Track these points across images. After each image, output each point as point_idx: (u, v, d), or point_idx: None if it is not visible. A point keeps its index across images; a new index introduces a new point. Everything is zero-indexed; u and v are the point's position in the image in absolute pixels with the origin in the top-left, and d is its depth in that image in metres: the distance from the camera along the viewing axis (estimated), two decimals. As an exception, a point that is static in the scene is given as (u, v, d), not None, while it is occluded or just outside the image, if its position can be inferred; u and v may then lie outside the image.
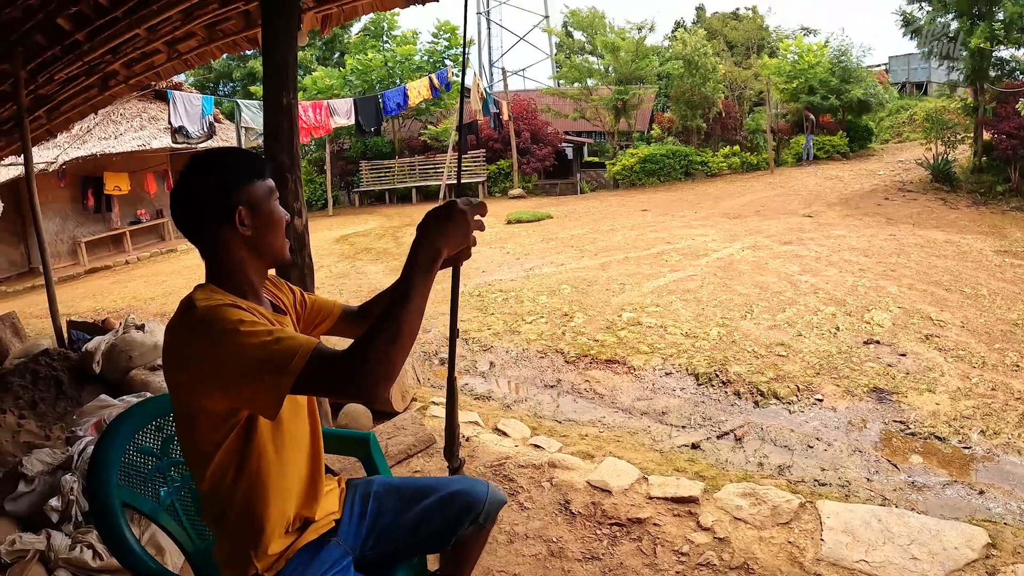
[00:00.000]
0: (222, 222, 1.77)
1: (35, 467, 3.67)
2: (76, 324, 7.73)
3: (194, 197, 1.79)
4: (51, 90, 7.54)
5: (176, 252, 19.86)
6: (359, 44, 29.42)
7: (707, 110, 24.91)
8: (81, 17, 5.70)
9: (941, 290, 8.46)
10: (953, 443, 4.93)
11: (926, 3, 19.45)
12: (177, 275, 15.35)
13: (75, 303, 13.03)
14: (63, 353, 6.16)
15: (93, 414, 4.56)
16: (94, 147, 18.21)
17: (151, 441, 2.21)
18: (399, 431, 4.73)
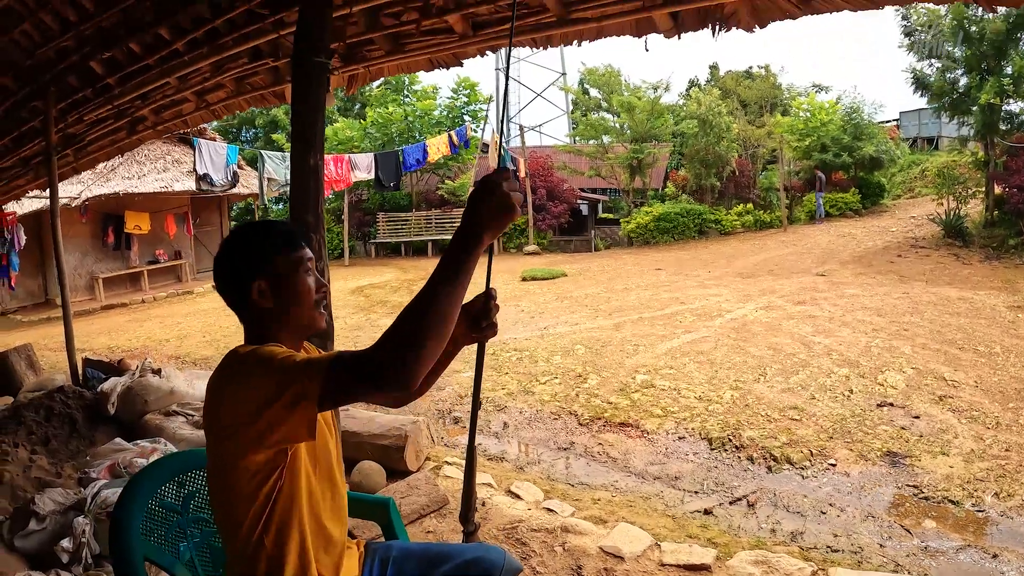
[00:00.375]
0: (244, 295, 1.85)
1: (47, 506, 3.72)
2: (92, 362, 7.82)
3: (221, 270, 1.89)
4: (80, 130, 7.79)
5: (192, 294, 20.10)
6: (380, 97, 29.89)
7: (721, 168, 25.11)
8: (114, 62, 5.94)
9: (954, 349, 8.48)
10: (967, 506, 4.94)
11: (936, 60, 19.62)
12: (193, 317, 15.52)
13: (90, 339, 13.20)
14: (78, 391, 6.25)
15: (107, 457, 4.63)
16: (117, 186, 18.67)
17: (173, 496, 2.26)
18: (412, 490, 4.78)
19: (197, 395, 6.46)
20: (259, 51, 5.73)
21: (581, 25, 4.57)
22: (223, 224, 24.64)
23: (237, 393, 1.65)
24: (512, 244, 25.68)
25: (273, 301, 1.85)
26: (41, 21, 5.20)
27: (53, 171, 7.31)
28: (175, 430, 5.54)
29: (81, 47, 5.66)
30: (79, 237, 19.30)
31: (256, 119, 37.39)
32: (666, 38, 4.44)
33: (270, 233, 1.91)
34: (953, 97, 19.26)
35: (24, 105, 6.91)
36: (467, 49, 5.28)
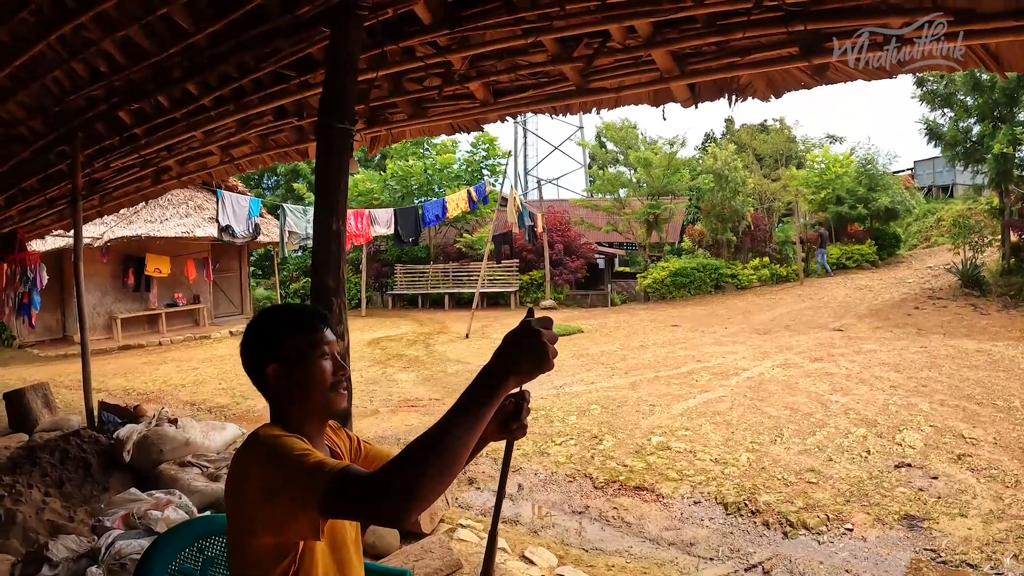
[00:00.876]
0: (261, 378, 1.91)
1: (61, 553, 3.75)
2: (108, 407, 7.85)
3: (243, 352, 1.95)
4: (105, 176, 7.97)
5: (209, 339, 20.18)
6: (400, 150, 30.25)
7: (737, 223, 25.21)
8: (142, 113, 6.10)
9: (973, 404, 8.44)
10: (985, 569, 4.88)
11: (948, 109, 19.74)
12: (209, 363, 15.57)
13: (106, 379, 13.28)
14: (94, 436, 6.29)
15: (122, 506, 4.65)
16: (139, 228, 18.99)
17: (192, 562, 2.28)
18: (426, 554, 4.77)
19: (213, 447, 6.50)
20: (284, 110, 5.88)
21: (600, 95, 4.67)
22: (242, 270, 24.86)
23: (257, 474, 1.69)
24: (529, 298, 25.75)
25: (287, 384, 1.89)
26: (72, 69, 5.33)
27: (78, 215, 7.44)
28: (190, 481, 5.57)
29: (110, 97, 5.80)
30: (99, 276, 19.54)
31: (278, 168, 37.89)
32: (683, 108, 4.54)
33: (284, 317, 1.96)
34: (966, 146, 19.40)
35: (52, 148, 7.06)
36: (488, 115, 5.40)
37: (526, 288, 26.18)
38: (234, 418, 9.40)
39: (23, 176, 7.99)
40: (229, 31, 4.61)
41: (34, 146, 7.02)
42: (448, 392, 11.29)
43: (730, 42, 3.94)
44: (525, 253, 26.24)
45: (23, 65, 5.17)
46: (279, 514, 1.64)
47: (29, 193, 8.60)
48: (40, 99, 5.98)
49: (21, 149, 7.17)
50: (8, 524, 4.47)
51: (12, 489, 4.90)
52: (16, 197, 8.80)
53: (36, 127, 6.68)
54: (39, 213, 9.59)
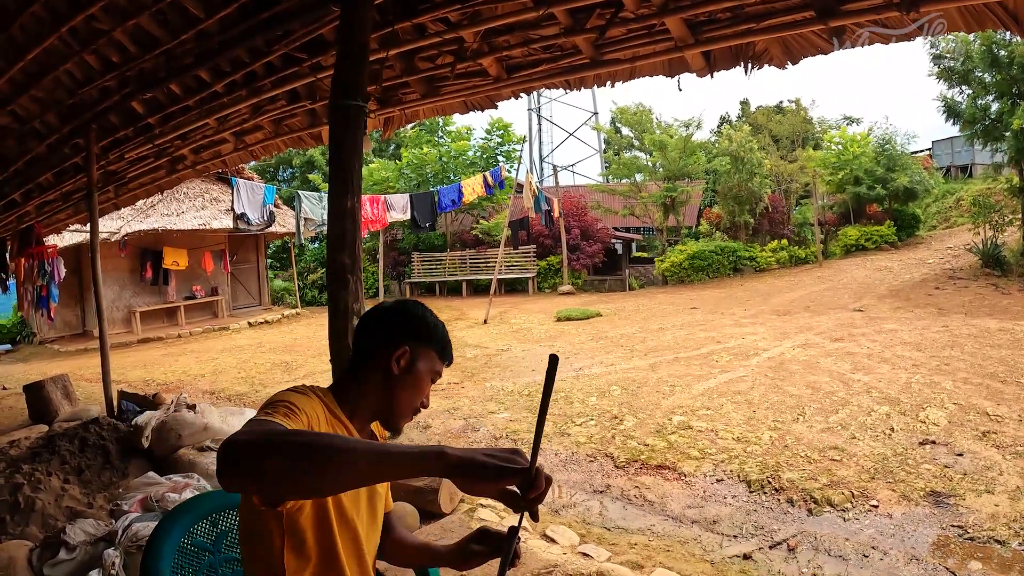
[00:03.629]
0: (387, 347, 1.89)
1: (78, 536, 3.74)
2: (127, 395, 7.91)
3: (390, 316, 1.97)
4: (120, 167, 7.99)
5: (228, 330, 20.34)
6: (415, 138, 30.26)
7: (754, 205, 25.09)
8: (155, 103, 6.09)
9: (996, 382, 8.34)
10: (1013, 546, 4.80)
11: (966, 86, 19.49)
12: (228, 354, 15.66)
13: (126, 371, 13.41)
14: (113, 423, 6.31)
15: (139, 490, 4.65)
16: (156, 222, 19.25)
17: (205, 535, 2.24)
18: (446, 533, 4.77)
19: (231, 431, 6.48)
20: (296, 94, 5.85)
21: (614, 66, 4.60)
22: (260, 261, 24.98)
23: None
24: (547, 284, 25.74)
25: (397, 373, 1.89)
26: (84, 61, 5.32)
27: (94, 207, 7.47)
28: (208, 466, 5.58)
29: (122, 87, 5.80)
30: (118, 271, 19.76)
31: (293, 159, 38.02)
32: (699, 77, 4.46)
33: (438, 329, 1.98)
34: (985, 124, 19.14)
35: (67, 142, 7.09)
36: (501, 92, 5.34)
37: (543, 273, 26.16)
38: (253, 405, 9.42)
39: (39, 170, 8.04)
40: (239, 15, 4.59)
41: (49, 140, 7.05)
42: (467, 375, 11.31)
43: (744, 7, 3.87)
44: (542, 239, 26.20)
45: (36, 59, 5.18)
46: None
47: (45, 188, 8.65)
48: (53, 93, 5.99)
49: (36, 144, 7.21)
50: (28, 511, 4.48)
51: (31, 477, 4.90)
52: (32, 192, 8.85)
53: (50, 121, 6.70)
54: (55, 207, 9.64)
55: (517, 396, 9.64)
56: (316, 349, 15.10)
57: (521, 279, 26.12)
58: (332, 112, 4.11)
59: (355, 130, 4.08)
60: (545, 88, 5.30)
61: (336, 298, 4.02)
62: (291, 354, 14.97)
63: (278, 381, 11.85)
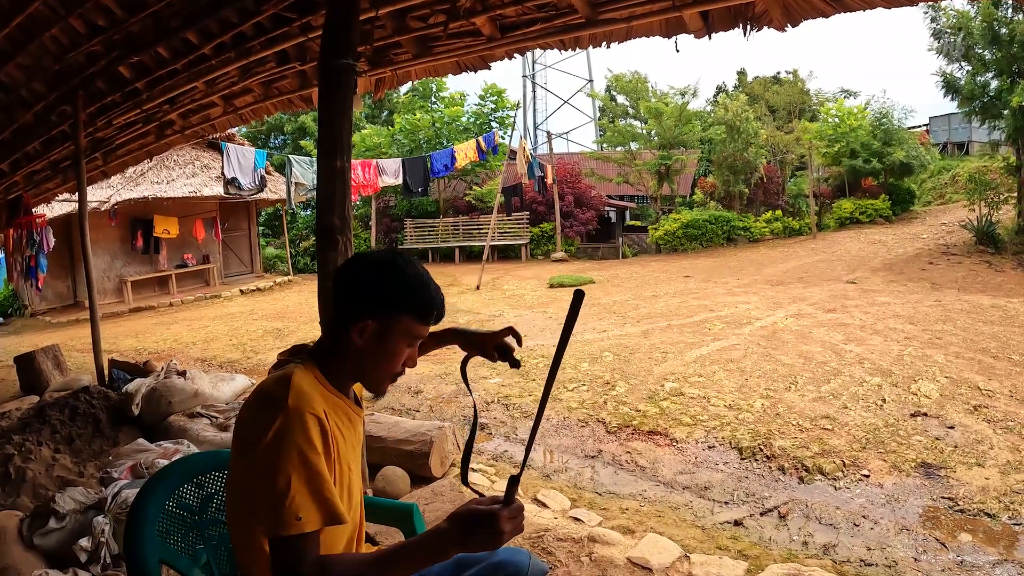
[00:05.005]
0: (348, 319, 1.79)
1: (67, 505, 3.70)
2: (118, 363, 7.88)
3: (350, 281, 1.83)
4: (108, 134, 7.87)
5: (220, 298, 20.29)
6: (408, 104, 30.08)
7: (749, 175, 25.03)
8: (142, 67, 5.96)
9: (988, 358, 8.33)
10: (1003, 520, 4.80)
11: (966, 63, 19.38)
12: (220, 321, 15.63)
13: (117, 340, 13.37)
14: (103, 392, 6.28)
15: (129, 457, 4.63)
16: (146, 190, 19.02)
17: (191, 498, 2.22)
18: (437, 497, 4.75)
19: (222, 397, 6.47)
20: (286, 55, 5.73)
21: (610, 26, 4.51)
22: (251, 229, 24.85)
23: (258, 451, 1.61)
24: (539, 251, 25.71)
25: (363, 344, 1.79)
26: (70, 26, 5.22)
27: (82, 174, 7.37)
28: (199, 432, 5.54)
29: (110, 52, 5.68)
30: (108, 241, 19.62)
31: (285, 126, 37.70)
32: (696, 38, 4.36)
33: (414, 294, 1.83)
34: (984, 101, 19.03)
35: (53, 109, 6.97)
36: (495, 52, 5.24)
37: (536, 240, 26.13)
38: (245, 372, 9.40)
39: (26, 139, 7.90)
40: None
41: (35, 108, 6.93)
42: (459, 342, 11.28)
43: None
44: (535, 205, 26.11)
45: (21, 26, 5.07)
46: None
47: (33, 157, 8.52)
48: (39, 60, 5.87)
49: (23, 112, 7.09)
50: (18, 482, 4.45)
51: (22, 447, 4.87)
52: (20, 162, 8.72)
53: (37, 89, 6.58)
54: (44, 176, 9.52)
55: (508, 362, 9.59)
56: (308, 316, 15.06)
57: (514, 246, 26.07)
58: (322, 71, 4.04)
59: (345, 89, 4.01)
60: (539, 48, 5.20)
61: (325, 260, 3.97)
62: (283, 321, 14.93)
63: (270, 347, 11.81)
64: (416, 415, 7.62)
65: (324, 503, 1.56)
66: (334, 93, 3.98)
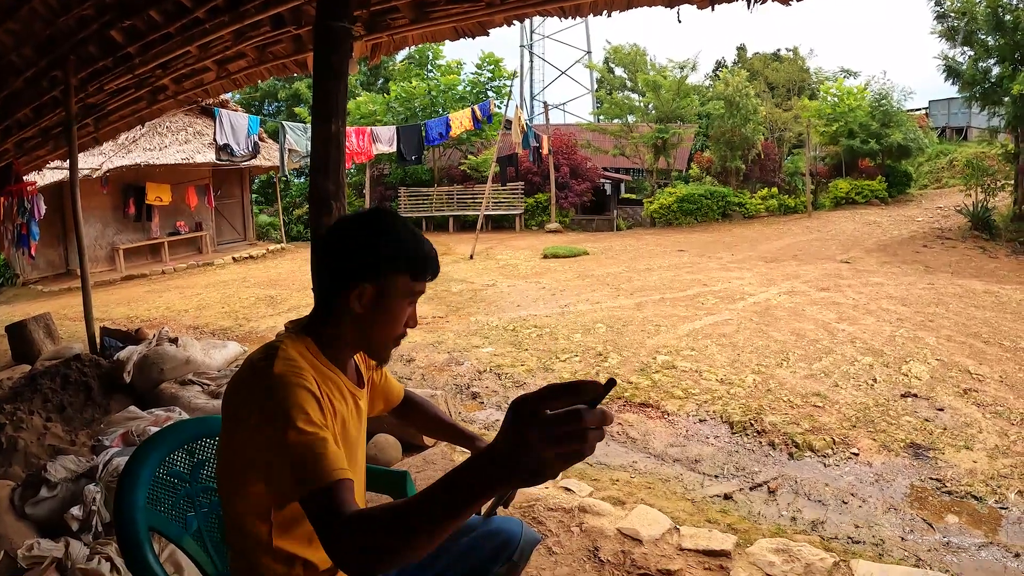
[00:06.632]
0: (341, 286, 1.72)
1: (59, 473, 3.68)
2: (109, 331, 7.83)
3: (338, 245, 1.75)
4: (100, 99, 7.73)
5: (212, 266, 20.26)
6: (404, 72, 29.84)
7: (747, 151, 24.98)
8: (134, 31, 5.85)
9: (980, 342, 8.35)
10: (990, 503, 4.82)
11: (968, 48, 19.30)
12: (212, 289, 15.62)
13: (109, 309, 13.36)
14: (94, 360, 6.24)
15: (121, 424, 4.61)
16: (138, 157, 18.84)
17: (182, 465, 2.18)
18: (428, 465, 4.75)
19: (214, 364, 6.45)
20: (281, 18, 5.63)
21: (613, -7, 4.46)
22: (244, 196, 24.73)
23: (252, 421, 1.57)
24: (534, 221, 25.68)
25: (362, 311, 1.72)
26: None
27: (73, 141, 7.29)
28: (190, 399, 5.53)
29: (101, 15, 5.58)
30: (100, 208, 19.48)
31: (279, 92, 37.45)
32: (699, 9, 4.30)
33: (406, 249, 1.74)
34: (985, 87, 18.98)
35: (45, 75, 6.86)
36: (493, 18, 5.16)
37: (531, 211, 26.11)
38: (237, 339, 9.35)
39: (17, 106, 7.79)
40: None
41: (26, 74, 6.82)
42: (452, 310, 11.33)
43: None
44: (530, 176, 26.04)
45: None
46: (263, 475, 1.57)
47: (24, 124, 8.40)
48: (30, 24, 5.77)
49: (13, 79, 6.98)
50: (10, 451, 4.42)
51: (13, 417, 4.83)
52: (11, 129, 8.60)
53: (27, 54, 6.46)
54: (35, 144, 9.41)
55: (501, 331, 9.64)
56: (301, 283, 15.04)
57: (508, 216, 26.03)
58: (317, 33, 3.99)
59: (340, 52, 3.97)
60: (539, 15, 5.14)
61: (319, 225, 3.94)
62: (276, 288, 14.91)
63: (262, 315, 11.81)
64: (408, 383, 7.62)
65: (323, 459, 1.46)
66: (330, 56, 3.94)
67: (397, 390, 2.28)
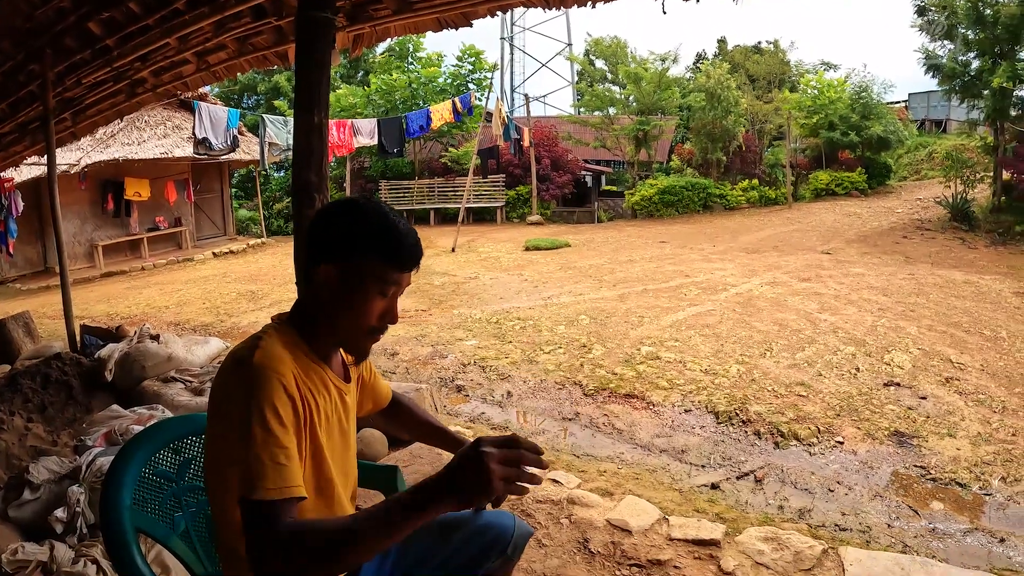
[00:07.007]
0: (313, 267, 1.68)
1: (41, 475, 3.61)
2: (90, 329, 7.72)
3: (317, 227, 1.70)
4: (78, 93, 7.59)
5: (193, 261, 20.04)
6: (384, 64, 29.67)
7: (728, 143, 25.03)
8: (113, 23, 5.73)
9: (960, 332, 8.41)
10: (974, 489, 4.87)
11: (948, 41, 19.44)
12: (193, 284, 15.46)
13: (89, 306, 13.16)
14: (75, 358, 6.14)
15: (103, 424, 4.52)
16: (117, 152, 18.49)
17: (168, 464, 2.11)
18: (415, 459, 4.73)
19: (196, 361, 6.39)
20: (262, 9, 5.55)
21: (598, -17, 4.44)
22: (224, 191, 24.51)
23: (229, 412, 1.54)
24: (515, 214, 25.66)
25: (329, 294, 1.67)
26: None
27: (50, 136, 7.16)
28: (173, 397, 5.46)
29: (79, 7, 5.49)
30: (78, 204, 19.19)
31: (258, 86, 37.14)
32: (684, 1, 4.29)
33: (388, 235, 1.66)
34: (965, 80, 19.12)
35: (21, 69, 6.74)
36: (477, 8, 5.12)
37: (512, 203, 26.09)
38: (219, 335, 9.27)
39: (-7, 102, 7.68)
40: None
41: (2, 68, 6.71)
42: (434, 303, 11.29)
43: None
44: (511, 168, 25.98)
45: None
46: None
47: (0, 119, 8.29)
48: (7, 18, 5.66)
49: (-10, 73, 6.88)
50: (-9, 453, 4.36)
51: (-6, 418, 4.76)
52: (-12, 124, 8.48)
53: (5, 48, 6.35)
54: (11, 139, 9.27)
55: (485, 323, 9.63)
56: (283, 278, 14.94)
57: (489, 208, 26.02)
58: (299, 24, 3.96)
59: (323, 42, 3.93)
60: (523, 5, 5.07)
61: (302, 217, 3.89)
62: (257, 283, 14.81)
63: (243, 310, 11.73)
64: (392, 377, 7.59)
65: (278, 471, 1.44)
66: (312, 48, 3.90)
67: (386, 391, 2.23)
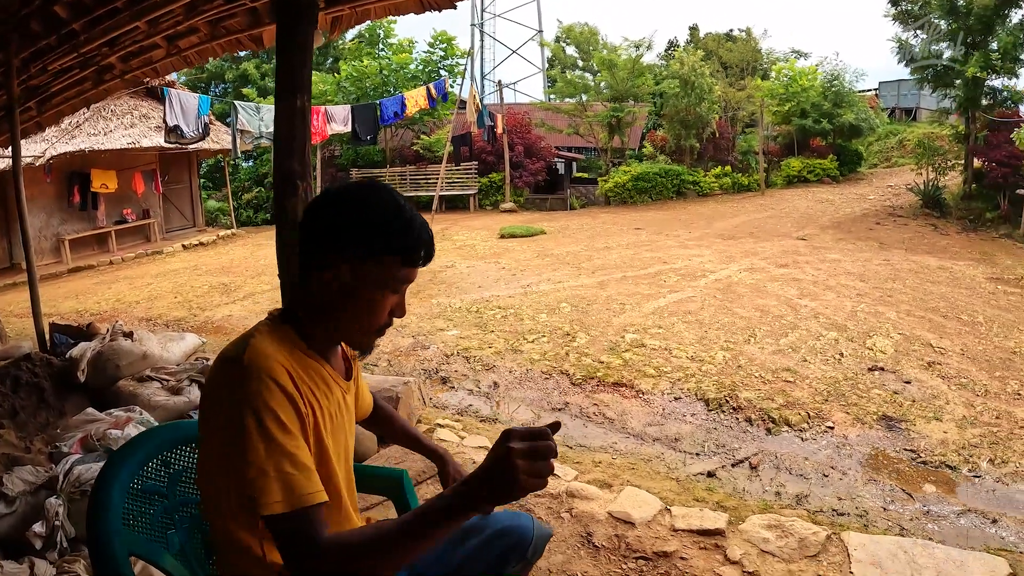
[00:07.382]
0: (317, 264, 1.56)
1: (16, 487, 3.42)
2: (59, 327, 7.47)
3: (325, 219, 1.57)
4: (43, 81, 7.33)
5: (162, 254, 19.72)
6: (354, 50, 29.38)
7: (701, 130, 25.08)
8: (80, 6, 5.50)
9: (939, 317, 8.49)
10: (964, 471, 4.91)
11: (921, 31, 19.60)
12: (163, 278, 15.20)
13: (57, 303, 12.83)
14: (46, 359, 5.90)
15: (79, 428, 4.35)
16: (83, 143, 18.05)
17: (158, 478, 1.94)
18: (408, 455, 4.62)
19: (172, 358, 6.23)
20: (237, -10, 5.43)
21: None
22: (192, 181, 24.10)
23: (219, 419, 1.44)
24: (488, 201, 25.59)
25: (337, 294, 1.56)
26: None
27: (15, 125, 6.94)
28: (150, 397, 5.29)
29: (45, -12, 5.33)
30: (44, 197, 18.70)
31: (226, 73, 36.61)
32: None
33: (400, 228, 1.56)
34: (937, 69, 19.30)
35: (-16, 57, 6.55)
36: (460, -11, 5.02)
37: (485, 191, 25.98)
38: (192, 330, 9.10)
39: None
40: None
41: None
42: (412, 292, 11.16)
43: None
44: (484, 155, 25.86)
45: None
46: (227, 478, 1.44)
47: (-38, 109, 8.06)
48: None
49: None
50: (-40, 463, 4.19)
51: (-37, 425, 4.58)
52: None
53: None
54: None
55: (465, 313, 9.56)
56: (255, 269, 14.79)
57: (462, 196, 25.90)
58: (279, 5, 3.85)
59: (305, 25, 3.84)
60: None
61: (284, 207, 3.79)
62: (229, 275, 14.58)
63: (216, 304, 11.55)
64: (375, 370, 7.49)
65: (285, 480, 1.36)
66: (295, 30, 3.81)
67: (368, 399, 2.11)
